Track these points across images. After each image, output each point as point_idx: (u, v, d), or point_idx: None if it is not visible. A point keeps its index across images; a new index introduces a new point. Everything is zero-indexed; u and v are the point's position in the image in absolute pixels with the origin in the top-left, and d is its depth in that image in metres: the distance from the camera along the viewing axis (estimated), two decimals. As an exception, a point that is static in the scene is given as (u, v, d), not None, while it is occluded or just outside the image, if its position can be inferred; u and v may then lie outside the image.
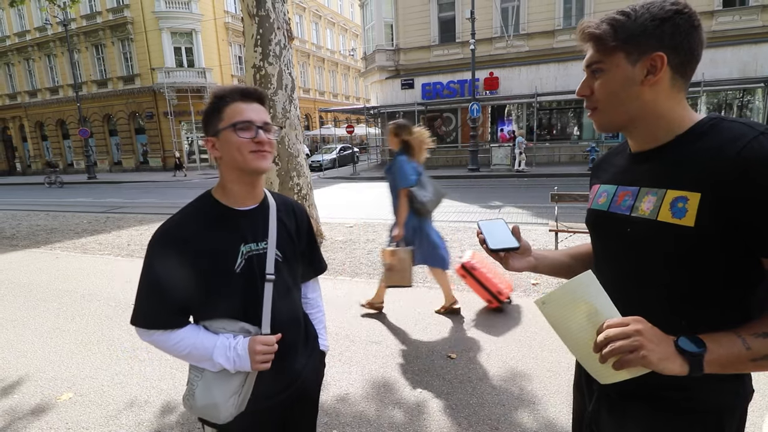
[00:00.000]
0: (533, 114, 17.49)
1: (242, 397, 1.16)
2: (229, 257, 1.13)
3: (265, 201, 1.25)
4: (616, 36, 0.82)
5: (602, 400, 0.99)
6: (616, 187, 0.95)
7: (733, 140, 0.75)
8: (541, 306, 0.82)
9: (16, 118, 32.04)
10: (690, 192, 0.77)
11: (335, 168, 22.88)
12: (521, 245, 1.05)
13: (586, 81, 0.90)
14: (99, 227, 9.01)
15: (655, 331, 0.73)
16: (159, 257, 1.11)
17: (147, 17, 24.94)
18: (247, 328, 1.16)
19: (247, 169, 1.12)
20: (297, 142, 6.28)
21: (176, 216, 1.16)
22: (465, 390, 2.68)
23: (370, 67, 21.11)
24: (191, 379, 1.19)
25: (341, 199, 12.18)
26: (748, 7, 15.69)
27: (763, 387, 2.48)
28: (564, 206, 5.47)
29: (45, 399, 2.78)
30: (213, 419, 1.16)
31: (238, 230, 1.16)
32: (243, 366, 1.12)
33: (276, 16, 5.96)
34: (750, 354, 0.72)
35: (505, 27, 18.07)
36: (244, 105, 1.12)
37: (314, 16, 35.85)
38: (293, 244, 1.28)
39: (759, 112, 16.17)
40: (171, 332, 1.13)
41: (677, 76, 0.82)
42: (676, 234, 0.78)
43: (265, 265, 1.18)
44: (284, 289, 1.23)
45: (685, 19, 0.79)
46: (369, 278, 4.88)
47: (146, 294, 1.12)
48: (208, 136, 1.14)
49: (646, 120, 0.86)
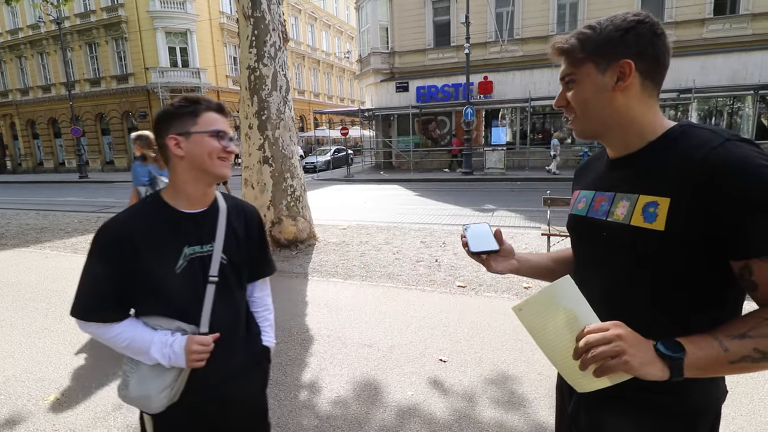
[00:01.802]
0: (527, 118, 17.62)
1: (174, 390, 1.20)
2: (170, 258, 1.18)
3: (215, 204, 1.29)
4: (584, 48, 0.88)
5: (581, 402, 1.00)
6: (594, 192, 0.99)
7: (699, 146, 0.78)
8: (518, 312, 0.81)
9: (7, 116, 31.67)
10: (660, 197, 0.81)
11: (329, 170, 22.85)
12: (502, 248, 1.09)
13: (561, 93, 0.95)
14: (90, 227, 8.91)
15: (635, 335, 0.74)
16: (100, 252, 1.15)
17: (141, 16, 24.78)
18: (184, 327, 1.20)
19: (212, 173, 1.20)
20: (291, 144, 6.27)
21: (123, 213, 1.20)
22: (456, 393, 2.68)
23: (365, 70, 21.13)
24: (126, 370, 1.23)
25: (335, 201, 12.16)
26: (739, 16, 15.92)
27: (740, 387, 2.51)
28: (556, 210, 5.51)
29: (32, 400, 2.75)
30: (145, 409, 1.22)
31: (183, 233, 1.20)
32: (178, 363, 1.17)
33: (271, 18, 5.96)
34: (727, 356, 0.72)
35: (500, 32, 18.18)
36: (218, 116, 1.21)
37: (310, 18, 35.85)
38: (240, 247, 1.31)
39: (749, 119, 16.39)
40: (109, 325, 1.17)
41: (647, 82, 0.86)
42: (648, 237, 0.81)
43: (209, 268, 1.22)
44: (227, 290, 1.26)
45: (647, 27, 0.84)
46: (362, 280, 4.88)
47: (86, 287, 1.16)
48: (173, 134, 1.17)
49: (620, 126, 0.89)
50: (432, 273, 5.01)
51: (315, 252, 6.15)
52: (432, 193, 12.89)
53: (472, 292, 4.39)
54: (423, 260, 5.53)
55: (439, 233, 7.07)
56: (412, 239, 6.70)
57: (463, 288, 4.50)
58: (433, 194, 12.56)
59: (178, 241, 1.19)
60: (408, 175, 17.73)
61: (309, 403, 2.61)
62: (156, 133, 1.21)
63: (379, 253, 5.93)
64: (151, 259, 1.15)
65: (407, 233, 7.16)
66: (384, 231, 7.37)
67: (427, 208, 10.39)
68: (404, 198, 12.36)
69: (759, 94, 15.29)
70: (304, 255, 6.00)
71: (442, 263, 5.36)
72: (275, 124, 6.03)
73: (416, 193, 13.03)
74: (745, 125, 16.59)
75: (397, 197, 12.55)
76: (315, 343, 3.39)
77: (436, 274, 4.98)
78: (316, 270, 5.32)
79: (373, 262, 5.53)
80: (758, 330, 0.73)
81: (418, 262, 5.48)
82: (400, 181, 16.26)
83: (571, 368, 0.76)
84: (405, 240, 6.67)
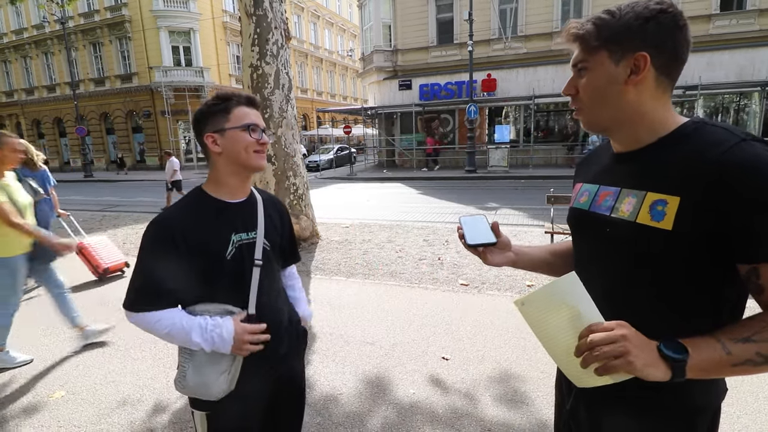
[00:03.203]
0: (530, 116, 17.52)
1: (232, 375, 1.24)
2: (221, 245, 1.23)
3: (252, 196, 1.38)
4: (600, 35, 0.83)
5: (580, 399, 0.99)
6: (598, 186, 0.96)
7: (714, 145, 0.75)
8: (520, 307, 0.80)
9: (12, 115, 31.86)
10: (669, 195, 0.78)
11: (332, 168, 22.84)
12: (499, 240, 1.07)
13: (572, 80, 0.91)
14: (94, 225, 8.97)
15: (639, 336, 0.72)
16: (154, 246, 1.20)
17: (145, 16, 24.85)
18: (231, 310, 1.25)
19: (249, 166, 1.26)
20: (294, 142, 6.27)
21: (171, 208, 1.27)
22: (458, 391, 2.68)
23: (368, 68, 21.10)
24: (181, 362, 1.27)
25: (338, 200, 12.17)
26: (746, 11, 15.77)
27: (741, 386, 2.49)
28: (560, 208, 5.48)
29: (37, 397, 2.77)
30: (205, 397, 1.24)
31: (230, 220, 1.27)
32: (222, 348, 1.20)
33: (273, 16, 5.95)
34: (730, 359, 0.72)
35: (503, 29, 18.10)
36: (248, 110, 1.26)
37: (313, 16, 35.82)
38: (277, 235, 1.40)
39: (755, 115, 16.25)
40: (152, 312, 1.21)
41: (662, 77, 0.83)
42: (654, 236, 0.79)
43: (254, 253, 1.29)
44: (270, 273, 1.34)
45: (670, 17, 0.79)
46: (364, 278, 4.88)
47: (138, 280, 1.21)
48: (209, 132, 1.24)
49: (630, 120, 0.86)
50: (435, 271, 5.01)
51: (318, 250, 6.16)
52: (435, 191, 12.87)
53: (474, 290, 4.38)
54: (426, 258, 5.53)
55: (441, 231, 7.06)
56: (415, 237, 6.70)
57: (466, 286, 4.49)
58: (436, 192, 12.53)
59: (227, 229, 1.25)
60: (411, 173, 17.71)
61: (311, 400, 2.62)
62: (196, 132, 1.28)
63: (381, 251, 5.93)
64: (202, 248, 1.20)
65: (410, 231, 7.16)
66: (387, 229, 7.37)
67: (430, 206, 10.38)
68: (407, 196, 12.35)
69: (766, 91, 15.12)
70: (307, 253, 6.01)
71: (445, 261, 5.35)
72: (278, 122, 6.03)
73: (419, 192, 13.01)
74: (752, 122, 16.44)
75: (399, 195, 12.54)
76: (317, 341, 3.40)
77: (438, 272, 4.97)
78: (318, 268, 5.33)
79: (375, 260, 5.53)
80: (762, 334, 0.72)
81: (420, 260, 5.48)
82: (402, 179, 16.25)
83: (571, 364, 0.75)
84: (408, 238, 6.67)
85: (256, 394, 1.32)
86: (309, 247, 6.27)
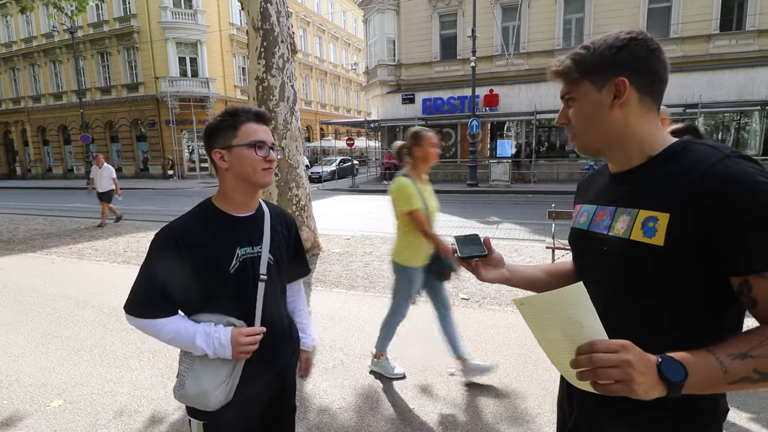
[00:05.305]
0: (532, 131, 17.63)
1: (230, 385, 1.25)
2: (225, 258, 1.24)
3: (260, 209, 1.38)
4: (578, 69, 0.90)
5: (582, 417, 0.99)
6: (596, 207, 1.00)
7: (699, 162, 0.79)
8: (519, 306, 0.77)
9: (18, 122, 32.14)
10: (660, 212, 0.81)
11: (334, 180, 22.93)
12: (491, 256, 1.10)
13: (563, 111, 0.97)
14: (96, 233, 8.99)
15: (642, 359, 0.70)
16: (159, 254, 1.21)
17: (153, 27, 25.23)
18: (233, 323, 1.26)
19: (255, 183, 1.27)
20: (297, 154, 6.32)
21: (180, 218, 1.28)
22: (458, 407, 2.66)
23: (372, 82, 21.32)
24: (181, 371, 1.28)
25: (340, 211, 12.18)
26: (745, 32, 15.96)
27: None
28: (561, 223, 5.47)
29: (34, 405, 2.75)
30: (203, 407, 1.24)
31: (235, 234, 1.28)
32: (223, 354, 1.22)
33: (280, 30, 6.05)
34: (727, 377, 0.72)
35: (506, 45, 18.33)
36: (257, 126, 1.26)
37: (318, 30, 36.33)
38: (283, 249, 1.40)
39: (756, 134, 16.34)
40: (157, 320, 1.23)
41: (645, 97, 0.88)
42: (647, 252, 0.81)
43: (259, 267, 1.29)
44: (274, 289, 1.35)
45: (640, 44, 0.86)
46: (365, 291, 4.87)
47: (141, 286, 1.22)
48: (217, 148, 1.25)
49: (620, 141, 0.91)
50: (435, 285, 4.99)
51: (319, 262, 6.15)
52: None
53: (475, 304, 4.37)
54: (427, 272, 5.51)
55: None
56: (416, 250, 6.68)
57: (467, 300, 4.47)
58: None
59: (232, 243, 1.26)
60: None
61: (308, 413, 2.60)
62: (206, 147, 1.29)
63: (382, 264, 5.92)
64: (206, 260, 1.21)
65: (411, 244, 7.14)
66: (388, 242, 7.36)
67: (432, 219, 10.36)
68: (409, 209, 12.33)
69: (766, 110, 15.25)
70: (308, 264, 6.00)
71: (446, 275, 5.33)
72: (282, 134, 6.09)
73: (421, 204, 12.99)
74: (753, 141, 16.53)
75: (401, 208, 12.52)
76: (317, 353, 3.38)
77: (439, 285, 4.95)
78: (319, 280, 5.32)
79: (376, 273, 5.52)
80: (760, 349, 0.72)
81: (421, 273, 5.46)
82: (404, 192, 16.23)
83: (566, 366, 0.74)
84: (409, 251, 6.65)
85: (254, 405, 1.33)
86: (310, 259, 6.27)
